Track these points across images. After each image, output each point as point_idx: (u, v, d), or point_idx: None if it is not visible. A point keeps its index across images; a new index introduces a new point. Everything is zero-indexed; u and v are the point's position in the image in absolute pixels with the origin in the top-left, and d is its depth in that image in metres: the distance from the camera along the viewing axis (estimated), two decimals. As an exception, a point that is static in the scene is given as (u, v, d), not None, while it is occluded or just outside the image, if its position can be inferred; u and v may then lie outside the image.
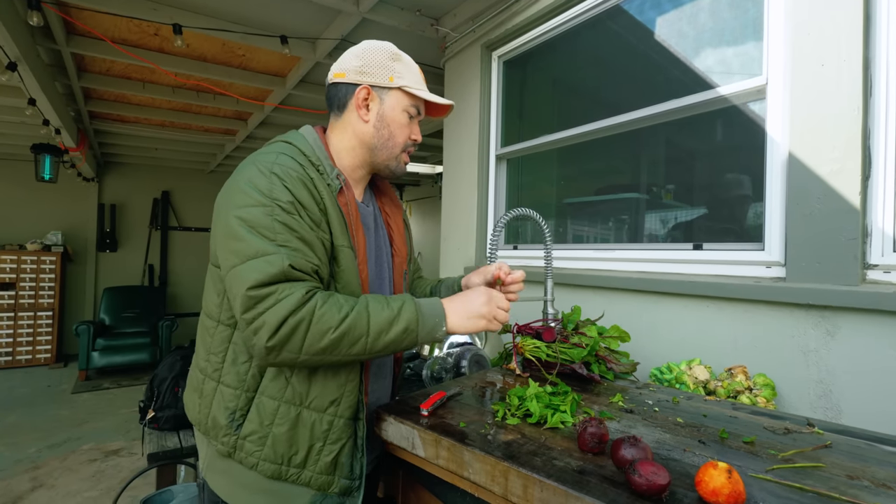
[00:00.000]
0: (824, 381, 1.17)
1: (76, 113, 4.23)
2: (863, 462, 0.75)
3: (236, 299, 0.76)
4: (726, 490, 0.59)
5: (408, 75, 0.97)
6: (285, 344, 0.75)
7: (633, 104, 1.73)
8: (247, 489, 0.86)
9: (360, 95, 0.95)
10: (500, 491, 0.74)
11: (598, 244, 1.95)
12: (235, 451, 0.85)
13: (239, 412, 0.85)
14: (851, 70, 1.13)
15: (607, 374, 1.25)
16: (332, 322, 0.77)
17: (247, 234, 0.77)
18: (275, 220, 0.79)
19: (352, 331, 0.78)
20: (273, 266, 0.76)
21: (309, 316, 0.76)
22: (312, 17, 2.61)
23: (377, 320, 0.80)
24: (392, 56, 0.97)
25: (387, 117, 0.96)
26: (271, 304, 0.75)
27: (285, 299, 0.75)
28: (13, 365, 5.50)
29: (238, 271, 0.76)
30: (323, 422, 0.86)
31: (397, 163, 1.01)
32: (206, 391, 0.88)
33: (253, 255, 0.76)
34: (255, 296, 0.75)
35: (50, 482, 2.88)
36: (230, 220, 0.80)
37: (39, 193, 5.96)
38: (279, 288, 0.76)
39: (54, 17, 2.51)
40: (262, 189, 0.80)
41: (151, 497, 1.91)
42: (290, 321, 0.75)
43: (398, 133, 0.98)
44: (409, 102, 0.98)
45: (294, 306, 0.75)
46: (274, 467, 0.84)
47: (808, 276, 1.19)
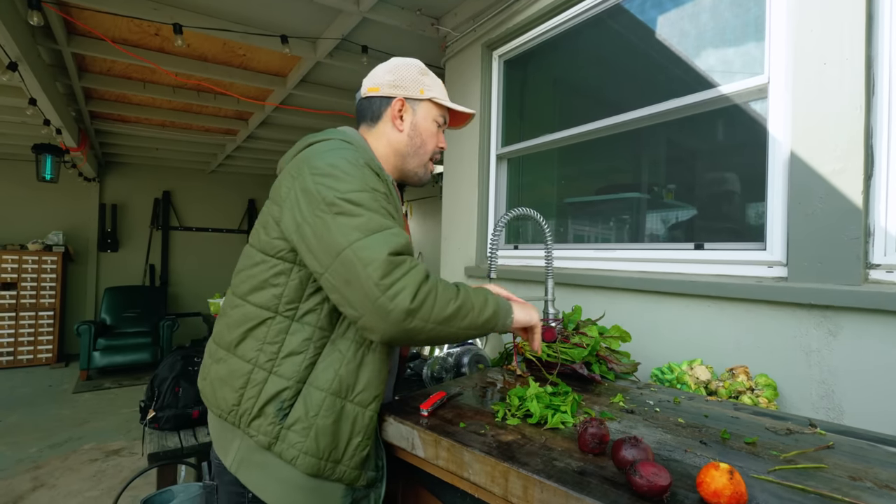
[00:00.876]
0: (826, 382, 1.16)
1: (77, 113, 4.23)
2: (865, 463, 0.74)
3: (368, 266, 0.76)
4: (728, 491, 0.58)
5: (435, 88, 1.08)
6: (421, 307, 0.78)
7: (634, 103, 1.72)
8: (285, 485, 0.85)
9: (395, 107, 1.04)
10: (501, 492, 0.73)
11: (599, 244, 1.94)
12: (277, 442, 0.84)
13: (287, 402, 0.86)
14: (854, 69, 1.13)
15: (608, 375, 1.25)
16: (451, 294, 0.83)
17: (365, 212, 0.81)
18: (381, 205, 0.84)
19: (465, 304, 0.84)
20: (400, 238, 0.81)
21: (434, 286, 0.81)
22: (313, 17, 2.61)
23: (477, 300, 0.87)
24: (421, 71, 1.08)
25: (419, 126, 1.06)
26: (408, 270, 0.79)
27: (417, 267, 0.81)
28: (15, 365, 5.51)
29: (365, 243, 0.78)
30: (364, 417, 0.88)
31: (425, 170, 1.10)
32: (255, 381, 0.87)
33: (378, 229, 0.80)
34: (395, 261, 0.78)
35: (51, 482, 2.88)
36: (340, 202, 0.81)
37: (40, 193, 5.97)
38: (409, 258, 0.81)
39: (55, 16, 2.51)
40: (358, 176, 0.85)
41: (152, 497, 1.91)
42: (424, 287, 0.79)
43: (429, 141, 1.08)
44: (438, 112, 1.08)
45: (424, 274, 0.81)
46: (313, 462, 0.84)
47: (810, 276, 1.19)
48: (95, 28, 2.71)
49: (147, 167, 6.70)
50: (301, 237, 0.84)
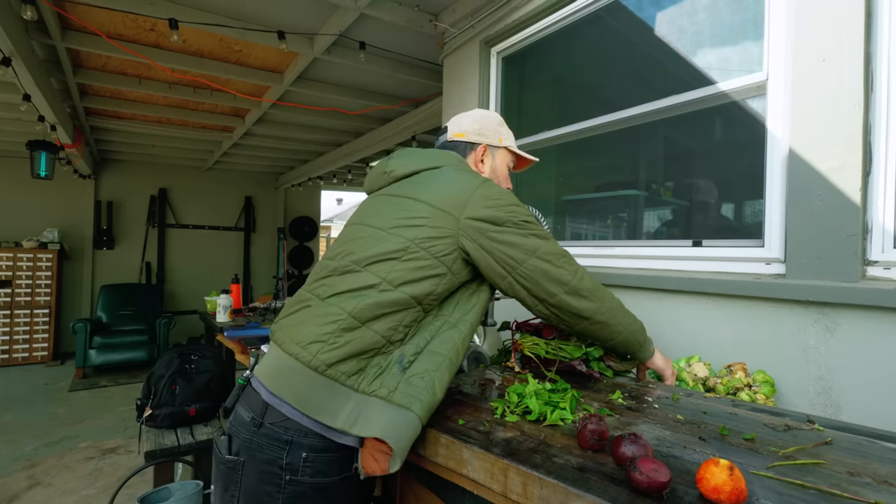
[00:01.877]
0: (824, 378, 1.16)
1: (72, 109, 4.20)
2: (864, 459, 0.74)
3: (558, 264, 1.01)
4: (728, 487, 0.58)
5: (509, 138, 1.24)
6: (595, 293, 1.04)
7: (632, 100, 1.72)
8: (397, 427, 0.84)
9: (479, 152, 1.20)
10: (500, 489, 0.73)
11: (597, 241, 1.94)
12: (395, 392, 0.87)
13: (408, 359, 0.92)
14: (852, 65, 1.13)
15: (606, 372, 1.25)
16: (614, 301, 1.09)
17: (537, 229, 1.02)
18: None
19: (620, 315, 1.09)
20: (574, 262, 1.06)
21: (598, 285, 1.07)
22: (310, 13, 2.59)
23: (625, 316, 1.11)
24: (500, 123, 1.25)
25: (497, 169, 1.22)
26: (578, 265, 1.04)
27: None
28: (10, 363, 5.48)
29: (549, 248, 1.01)
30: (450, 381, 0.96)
31: None
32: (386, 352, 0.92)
33: (547, 237, 1.03)
34: (570, 257, 1.04)
35: (47, 480, 2.87)
36: (521, 222, 1.01)
37: (35, 190, 5.93)
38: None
39: (49, 11, 2.49)
40: (520, 206, 1.04)
41: (149, 495, 1.91)
42: (591, 281, 1.05)
43: (503, 182, 1.24)
44: (510, 158, 1.25)
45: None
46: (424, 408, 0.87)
47: (808, 273, 1.19)
48: (90, 23, 2.68)
49: (143, 164, 6.66)
50: (487, 249, 0.99)
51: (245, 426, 0.91)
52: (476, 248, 0.98)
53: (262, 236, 7.74)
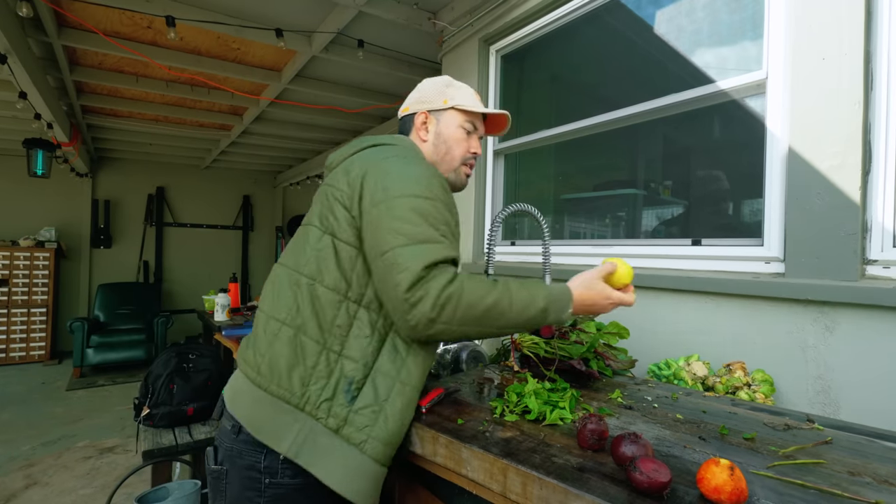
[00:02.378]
0: (823, 377, 1.16)
1: (68, 107, 4.18)
2: (864, 458, 0.74)
3: (401, 273, 0.81)
4: (728, 487, 0.58)
5: (460, 96, 1.09)
6: (441, 314, 0.81)
7: (631, 99, 1.72)
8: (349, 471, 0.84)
9: (418, 120, 1.09)
10: (499, 489, 0.73)
11: (596, 240, 1.94)
12: (345, 426, 0.84)
13: (356, 385, 0.86)
14: (852, 64, 1.12)
15: (605, 371, 1.24)
16: (480, 292, 0.84)
17: (421, 221, 0.86)
18: (440, 214, 0.89)
19: (497, 304, 0.85)
20: (440, 253, 0.84)
21: (459, 289, 0.83)
22: (308, 10, 2.58)
23: (519, 298, 0.87)
24: (446, 83, 1.11)
25: (443, 134, 1.08)
26: (432, 279, 0.82)
27: (441, 275, 0.83)
28: (7, 362, 5.45)
29: (407, 251, 0.83)
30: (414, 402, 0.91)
31: (457, 175, 1.11)
32: (325, 362, 0.87)
33: (424, 240, 0.84)
34: (425, 275, 0.82)
35: (44, 480, 2.86)
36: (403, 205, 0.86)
37: (32, 189, 5.89)
38: (438, 269, 0.84)
39: (45, 8, 2.47)
40: (430, 186, 0.90)
41: (146, 494, 1.90)
42: (446, 293, 0.82)
43: (455, 147, 1.09)
44: (464, 118, 1.09)
45: (447, 280, 0.83)
46: (381, 448, 0.85)
47: (807, 272, 1.19)
48: (86, 20, 2.66)
49: (140, 163, 6.63)
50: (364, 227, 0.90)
51: (227, 435, 0.91)
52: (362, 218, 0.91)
53: (261, 235, 7.72)
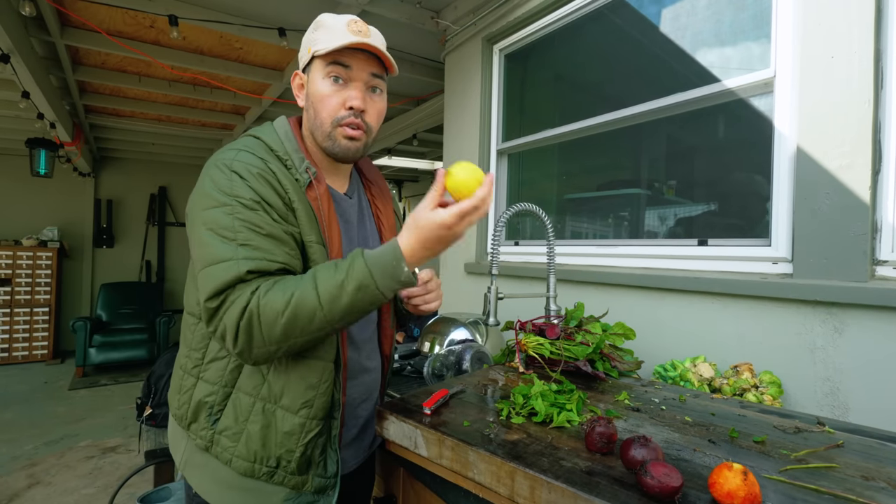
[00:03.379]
0: (831, 379, 1.15)
1: (71, 107, 4.18)
2: (877, 462, 0.73)
3: (201, 305, 0.77)
4: (742, 493, 0.57)
5: (324, 38, 0.83)
6: (250, 341, 0.74)
7: (636, 98, 1.70)
8: (222, 485, 0.86)
9: (294, 83, 0.93)
10: (506, 492, 0.72)
11: (601, 240, 1.93)
12: (212, 446, 0.85)
13: (216, 407, 0.85)
14: (862, 62, 1.11)
15: (612, 372, 1.23)
16: (277, 306, 0.72)
17: (209, 239, 0.76)
18: (236, 219, 0.76)
19: (301, 307, 0.72)
20: (228, 273, 0.74)
21: (255, 309, 0.73)
22: (311, 9, 2.57)
23: (326, 287, 0.73)
24: (313, 27, 0.87)
25: (311, 94, 0.88)
26: (226, 310, 0.74)
27: (237, 300, 0.74)
28: (10, 361, 5.47)
29: (200, 276, 0.77)
30: (294, 422, 0.83)
31: (332, 142, 0.88)
32: (186, 386, 0.89)
33: (211, 262, 0.75)
34: (212, 307, 0.75)
35: (47, 479, 2.86)
36: (196, 224, 0.79)
37: (35, 188, 5.91)
38: (232, 292, 0.75)
39: (48, 7, 2.47)
40: (224, 188, 0.78)
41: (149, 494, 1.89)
42: (242, 322, 0.73)
43: (321, 107, 0.87)
44: (326, 66, 0.85)
45: (242, 306, 0.73)
46: (247, 465, 0.83)
47: (816, 273, 1.17)
48: (89, 19, 2.66)
49: (143, 162, 6.64)
50: None
51: None
52: None
53: (263, 235, 7.72)
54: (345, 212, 0.97)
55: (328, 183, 0.95)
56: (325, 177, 0.93)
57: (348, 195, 1.00)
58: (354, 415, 0.98)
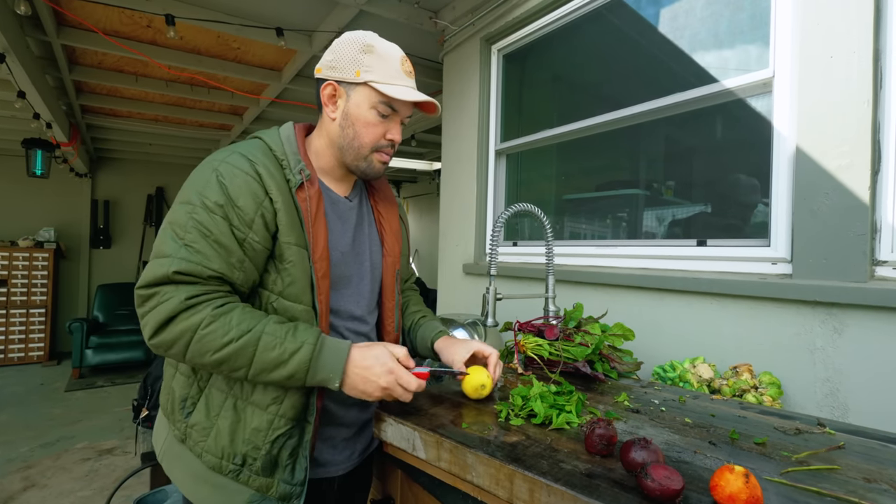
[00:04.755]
0: (831, 380, 1.15)
1: (68, 107, 4.16)
2: (879, 464, 0.73)
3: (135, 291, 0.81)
4: (744, 495, 0.56)
5: (379, 69, 0.89)
6: (169, 348, 0.78)
7: (635, 98, 1.70)
8: (194, 478, 0.87)
9: (325, 92, 0.93)
10: (505, 495, 0.71)
11: (599, 241, 1.92)
12: (186, 439, 0.87)
13: (190, 400, 0.88)
14: (861, 62, 1.11)
15: (611, 373, 1.23)
16: (213, 345, 0.76)
17: (164, 234, 0.81)
18: (191, 219, 0.80)
19: (232, 359, 0.77)
20: (161, 268, 0.78)
21: (192, 331, 0.76)
22: (309, 9, 2.56)
23: (263, 358, 0.78)
24: (363, 48, 0.89)
25: (351, 115, 0.91)
26: (153, 306, 0.77)
27: (165, 302, 0.77)
28: (6, 363, 5.43)
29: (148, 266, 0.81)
30: (262, 419, 0.84)
31: (367, 164, 0.95)
32: (168, 377, 0.93)
33: (156, 255, 0.80)
34: (142, 294, 0.78)
35: (42, 481, 2.84)
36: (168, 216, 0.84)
37: (31, 189, 5.88)
38: (161, 290, 0.78)
39: (44, 6, 2.45)
40: (197, 187, 0.82)
41: (145, 497, 1.88)
42: (171, 328, 0.77)
43: (364, 132, 0.92)
44: (378, 99, 0.90)
45: (171, 311, 0.76)
46: (215, 460, 0.85)
47: (815, 273, 1.17)
48: (85, 19, 2.65)
49: (140, 163, 6.62)
50: None
51: None
52: None
53: (260, 235, 7.70)
54: (342, 214, 0.99)
55: (330, 187, 0.98)
56: (327, 181, 0.98)
57: (349, 199, 1.02)
58: (346, 418, 0.99)
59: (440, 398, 1.02)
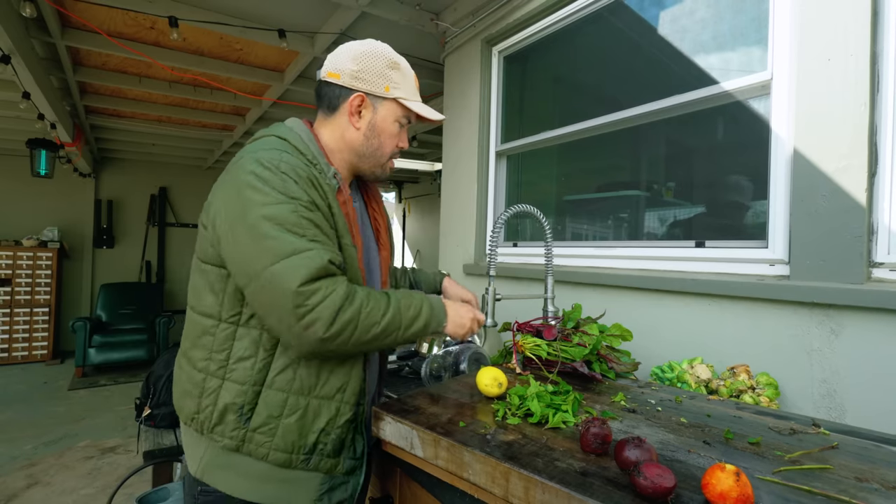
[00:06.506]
0: (828, 381, 1.15)
1: (72, 107, 4.19)
2: (871, 464, 0.73)
3: (281, 297, 0.77)
4: (734, 493, 0.57)
5: (404, 85, 0.98)
6: (338, 336, 0.80)
7: (634, 100, 1.71)
8: (257, 480, 0.87)
9: (353, 103, 0.95)
10: (501, 493, 0.72)
11: (599, 242, 1.93)
12: (244, 444, 0.86)
13: (247, 406, 0.86)
14: (858, 65, 1.12)
15: (608, 373, 1.24)
16: (376, 318, 0.84)
17: (278, 233, 0.79)
18: (301, 217, 0.81)
19: (390, 326, 0.86)
20: (314, 261, 0.79)
21: (357, 314, 0.82)
22: (311, 11, 2.58)
23: (407, 316, 0.89)
24: (390, 64, 0.96)
25: (378, 127, 0.97)
26: (321, 300, 0.79)
27: (333, 294, 0.80)
28: (9, 361, 5.47)
29: (276, 270, 0.78)
30: (331, 408, 0.89)
31: (383, 170, 1.04)
32: (209, 389, 0.87)
33: (291, 253, 0.78)
34: (306, 291, 0.78)
35: (45, 479, 2.86)
36: (253, 219, 0.79)
37: (35, 189, 5.92)
38: (324, 283, 0.80)
39: (48, 8, 2.48)
40: (277, 187, 0.81)
41: (147, 495, 1.89)
42: (342, 317, 0.80)
43: (387, 143, 1.00)
44: (402, 113, 0.99)
45: (342, 301, 0.80)
46: (285, 456, 0.86)
47: (813, 274, 1.18)
48: (90, 20, 2.67)
49: (143, 163, 6.65)
50: (223, 249, 0.84)
51: None
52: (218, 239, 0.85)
53: (263, 235, 7.72)
54: (359, 213, 1.05)
55: None
56: None
57: (354, 200, 1.05)
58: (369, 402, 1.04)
59: (438, 398, 1.03)
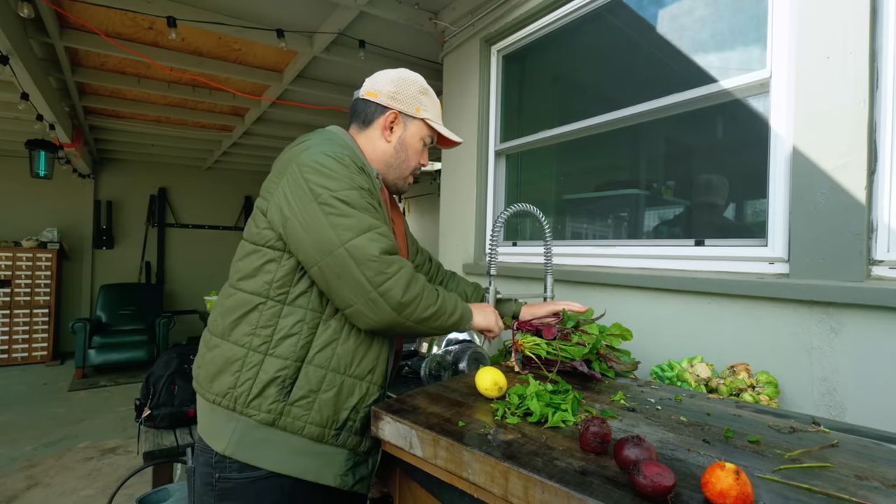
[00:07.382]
0: (828, 379, 1.15)
1: (71, 108, 4.18)
2: (871, 462, 0.73)
3: (362, 265, 0.86)
4: (734, 492, 0.57)
5: (432, 109, 1.13)
6: (409, 305, 0.90)
7: (633, 99, 1.71)
8: (291, 453, 0.92)
9: (388, 119, 1.08)
10: (500, 492, 0.72)
11: (598, 240, 1.93)
12: (281, 418, 0.91)
13: (288, 380, 0.92)
14: (857, 62, 1.11)
15: (608, 372, 1.23)
16: (432, 300, 0.95)
17: (355, 212, 0.89)
18: (368, 203, 0.92)
19: (440, 310, 0.97)
20: (388, 238, 0.91)
21: (422, 290, 0.93)
22: (309, 11, 2.58)
23: (451, 305, 1.00)
24: (422, 90, 1.12)
25: (406, 142, 1.11)
26: (397, 270, 0.89)
27: (406, 266, 0.91)
28: (9, 363, 5.47)
29: (357, 242, 0.87)
30: (362, 388, 0.97)
31: (404, 182, 1.16)
32: (251, 363, 0.92)
33: (368, 228, 0.89)
34: (386, 259, 0.88)
35: (45, 480, 2.86)
36: (329, 200, 0.88)
37: (34, 190, 5.91)
38: (397, 258, 0.91)
39: (46, 9, 2.47)
40: (345, 175, 0.91)
41: (147, 495, 1.89)
42: (413, 288, 0.91)
43: (413, 157, 1.13)
44: (427, 133, 1.13)
45: (411, 275, 0.91)
46: (318, 430, 0.92)
47: (812, 273, 1.17)
48: (88, 21, 2.67)
49: (142, 164, 6.65)
50: (290, 231, 0.91)
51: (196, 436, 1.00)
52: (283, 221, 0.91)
53: (262, 236, 7.72)
54: None
55: None
56: None
57: None
58: None
59: (438, 397, 1.03)
